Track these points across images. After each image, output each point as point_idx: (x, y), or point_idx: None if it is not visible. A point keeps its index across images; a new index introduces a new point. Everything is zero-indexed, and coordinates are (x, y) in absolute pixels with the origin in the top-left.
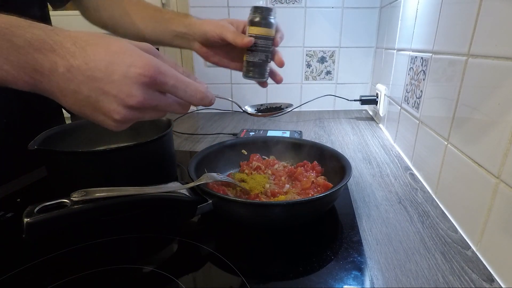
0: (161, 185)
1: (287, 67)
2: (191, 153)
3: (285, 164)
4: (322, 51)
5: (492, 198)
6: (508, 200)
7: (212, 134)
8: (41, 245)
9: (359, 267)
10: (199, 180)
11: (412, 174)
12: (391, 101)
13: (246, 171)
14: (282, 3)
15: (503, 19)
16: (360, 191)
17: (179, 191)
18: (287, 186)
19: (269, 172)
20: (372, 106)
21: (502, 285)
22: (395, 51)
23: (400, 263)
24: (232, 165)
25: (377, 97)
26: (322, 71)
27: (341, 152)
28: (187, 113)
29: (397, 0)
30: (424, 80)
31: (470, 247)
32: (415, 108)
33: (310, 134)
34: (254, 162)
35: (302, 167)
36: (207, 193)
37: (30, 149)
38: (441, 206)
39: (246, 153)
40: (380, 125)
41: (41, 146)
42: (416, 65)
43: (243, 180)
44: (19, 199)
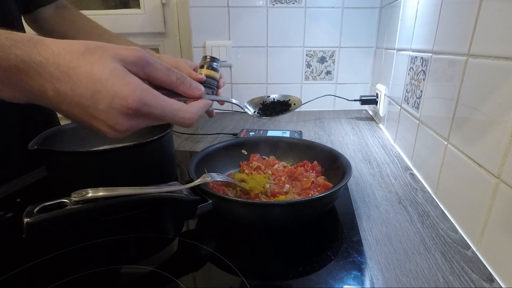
0: (161, 185)
1: (287, 67)
2: (191, 153)
3: (285, 164)
4: (322, 51)
5: (492, 198)
6: (508, 200)
7: (212, 134)
8: (41, 245)
9: (359, 267)
10: (199, 180)
11: (412, 174)
12: (391, 101)
13: (246, 171)
14: (282, 3)
15: (503, 19)
16: (360, 191)
17: (179, 191)
18: (287, 186)
19: (269, 172)
20: (372, 106)
21: (502, 285)
22: (395, 51)
23: (400, 263)
24: (232, 165)
25: (377, 97)
26: (322, 71)
27: (341, 152)
28: None
29: (397, 0)
30: (424, 80)
31: (470, 247)
32: (415, 108)
33: (310, 134)
34: (254, 162)
35: (302, 167)
36: (207, 193)
37: (30, 149)
38: (441, 206)
39: (246, 153)
40: (380, 125)
41: (41, 146)
42: (416, 65)
43: (243, 180)
44: (19, 199)
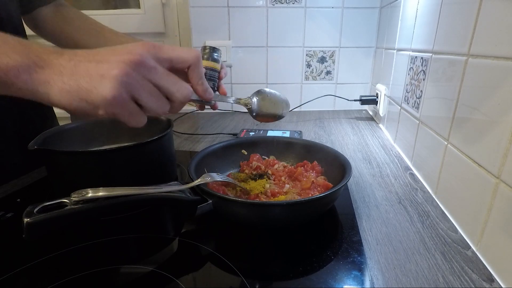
0: (161, 185)
1: (287, 67)
2: (191, 153)
3: (285, 164)
4: (322, 51)
5: (492, 198)
6: (508, 200)
7: (212, 134)
8: (41, 245)
9: (359, 267)
10: (199, 180)
11: (412, 174)
12: (391, 101)
13: (246, 171)
14: (282, 3)
15: (503, 19)
16: (360, 191)
17: (179, 191)
18: (287, 186)
19: (269, 172)
20: (372, 106)
21: (502, 285)
22: (395, 51)
23: (400, 263)
24: (232, 165)
25: (377, 97)
26: (322, 71)
27: (341, 152)
28: (187, 113)
29: (397, 0)
30: (424, 80)
31: (470, 247)
32: (415, 108)
33: (310, 134)
34: (254, 162)
35: (302, 167)
36: (207, 193)
37: (30, 149)
38: (441, 206)
39: (246, 153)
40: (380, 125)
41: (41, 146)
42: (416, 65)
43: (243, 180)
44: (19, 199)
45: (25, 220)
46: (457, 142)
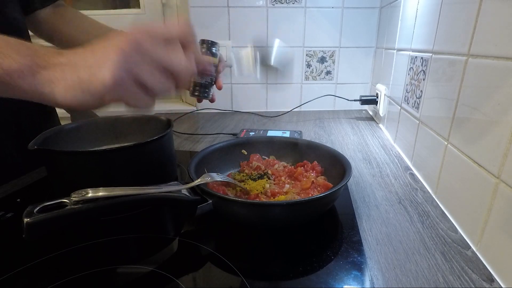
0: (161, 185)
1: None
2: (191, 153)
3: (285, 164)
4: (322, 51)
5: (492, 198)
6: (508, 200)
7: (212, 134)
8: (41, 245)
9: (359, 267)
10: (199, 180)
11: (412, 174)
12: (391, 101)
13: (246, 171)
14: (282, 3)
15: (503, 19)
16: (360, 191)
17: (179, 191)
18: (287, 186)
19: (269, 172)
20: (372, 106)
21: (502, 285)
22: (395, 51)
23: (400, 263)
24: (232, 165)
25: (377, 97)
26: (322, 71)
27: (341, 152)
28: (187, 113)
29: (397, 0)
30: (424, 80)
31: (470, 247)
32: (415, 108)
33: (310, 134)
34: (254, 162)
35: (302, 167)
36: (207, 193)
37: (30, 149)
38: (441, 206)
39: (246, 153)
40: (380, 125)
41: (41, 146)
42: (416, 65)
43: (243, 180)
44: (19, 199)
45: (25, 220)
46: (457, 142)
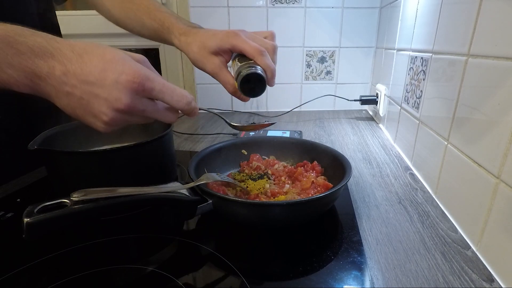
0: (161, 185)
1: (287, 67)
2: (191, 153)
3: (285, 164)
4: (322, 51)
5: (492, 198)
6: (508, 200)
7: (212, 134)
8: (41, 245)
9: (359, 267)
10: (199, 180)
11: (412, 174)
12: (391, 101)
13: (246, 171)
14: (282, 3)
15: (503, 19)
16: (360, 191)
17: (179, 191)
18: (287, 186)
19: (269, 172)
20: (372, 106)
21: (502, 285)
22: (395, 51)
23: (400, 263)
24: (232, 165)
25: (377, 97)
26: (322, 71)
27: (341, 152)
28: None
29: (397, 0)
30: (424, 80)
31: (470, 247)
32: (415, 108)
33: (310, 134)
34: (254, 162)
35: (302, 167)
36: (207, 193)
37: (30, 149)
38: (441, 206)
39: (246, 153)
40: (380, 125)
41: (41, 146)
42: (416, 65)
43: (243, 180)
44: (19, 199)
45: (25, 220)
46: (457, 142)
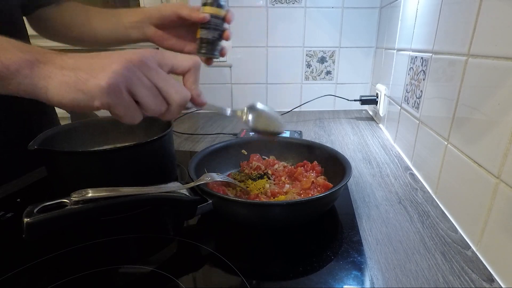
0: (161, 185)
1: (287, 67)
2: (191, 153)
3: (285, 164)
4: (322, 51)
5: (492, 198)
6: (508, 200)
7: (212, 134)
8: (41, 245)
9: (359, 267)
10: (199, 180)
11: (412, 174)
12: (391, 101)
13: (246, 171)
14: (282, 3)
15: (503, 19)
16: (360, 191)
17: (179, 191)
18: (287, 186)
19: (269, 172)
20: (372, 106)
21: (502, 285)
22: (395, 51)
23: (400, 263)
24: (232, 165)
25: (377, 97)
26: (322, 71)
27: (341, 152)
28: (187, 113)
29: (397, 0)
30: (424, 80)
31: (470, 247)
32: (415, 108)
33: (310, 134)
34: (254, 162)
35: (302, 167)
36: (207, 193)
37: (30, 149)
38: (441, 206)
39: (246, 153)
40: (380, 125)
41: (41, 146)
42: (416, 65)
43: (243, 180)
44: (19, 199)
45: (25, 220)
46: (457, 142)
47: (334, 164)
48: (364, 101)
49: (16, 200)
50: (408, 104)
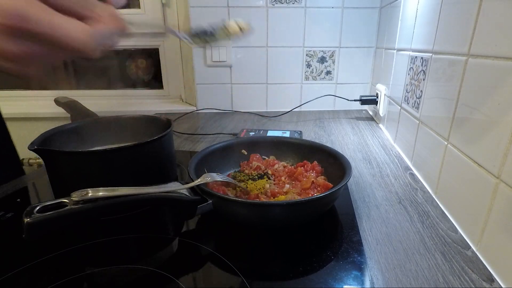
0: (161, 185)
1: (287, 67)
2: (191, 153)
3: (285, 164)
4: (322, 51)
5: (492, 198)
6: (508, 200)
7: (212, 134)
8: (41, 245)
9: (359, 267)
10: (199, 180)
11: (412, 174)
12: (391, 101)
13: (246, 171)
14: (282, 3)
15: (503, 19)
16: (360, 191)
17: (179, 191)
18: (287, 186)
19: (269, 172)
20: (372, 106)
21: (502, 285)
22: (395, 51)
23: (400, 263)
24: (232, 165)
25: (377, 97)
26: (322, 71)
27: (341, 152)
28: (187, 113)
29: (397, 0)
30: (424, 80)
31: (470, 247)
32: (415, 108)
33: (310, 134)
34: (254, 162)
35: (302, 167)
36: (207, 193)
37: (30, 149)
38: (441, 206)
39: (246, 153)
40: (380, 125)
41: (41, 146)
42: (416, 65)
43: (243, 180)
44: (19, 199)
45: (25, 220)
46: (457, 142)
47: (334, 164)
48: (364, 101)
49: (16, 200)
50: (408, 104)
